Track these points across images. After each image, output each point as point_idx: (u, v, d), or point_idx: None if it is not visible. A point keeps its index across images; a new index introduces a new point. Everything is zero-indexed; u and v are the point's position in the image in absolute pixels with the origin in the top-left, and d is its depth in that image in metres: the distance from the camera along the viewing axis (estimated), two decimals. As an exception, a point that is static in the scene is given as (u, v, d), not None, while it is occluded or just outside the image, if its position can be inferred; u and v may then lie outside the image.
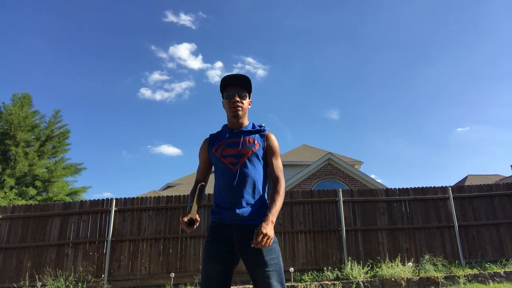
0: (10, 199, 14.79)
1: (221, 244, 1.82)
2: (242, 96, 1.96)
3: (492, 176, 23.06)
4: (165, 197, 7.77)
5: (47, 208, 7.66)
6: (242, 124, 1.99)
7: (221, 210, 1.87)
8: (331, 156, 14.04)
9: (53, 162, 17.79)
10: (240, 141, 1.92)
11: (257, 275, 1.74)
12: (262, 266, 1.73)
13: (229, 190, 1.85)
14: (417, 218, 7.81)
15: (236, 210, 1.81)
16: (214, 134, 2.07)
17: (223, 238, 1.83)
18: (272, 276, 1.72)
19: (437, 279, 6.52)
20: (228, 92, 1.95)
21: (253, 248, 1.71)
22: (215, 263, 1.79)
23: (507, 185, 8.21)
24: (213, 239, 1.86)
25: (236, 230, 1.82)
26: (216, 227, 1.88)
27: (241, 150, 1.89)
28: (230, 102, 1.94)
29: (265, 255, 1.74)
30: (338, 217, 7.69)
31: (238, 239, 1.81)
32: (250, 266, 1.78)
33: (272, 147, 1.97)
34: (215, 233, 1.87)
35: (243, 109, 1.97)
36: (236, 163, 1.87)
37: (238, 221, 1.81)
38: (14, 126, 16.78)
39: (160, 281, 7.13)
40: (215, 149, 1.96)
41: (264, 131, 2.00)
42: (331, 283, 6.52)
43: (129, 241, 7.39)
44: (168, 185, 20.90)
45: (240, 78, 1.95)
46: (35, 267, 7.20)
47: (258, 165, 1.91)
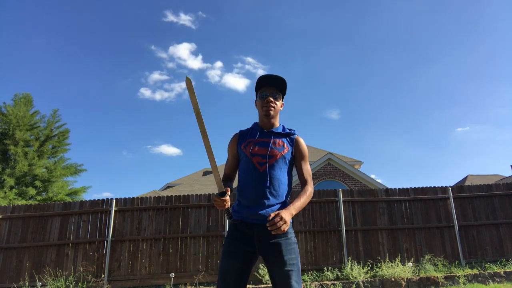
0: (10, 199, 14.79)
1: (241, 242, 1.83)
2: (276, 97, 1.98)
3: (492, 176, 23.07)
4: (165, 197, 7.77)
5: (47, 208, 7.65)
6: (273, 125, 2.01)
7: (242, 209, 1.87)
8: (331, 156, 14.05)
9: (52, 162, 17.78)
10: (270, 142, 1.94)
11: (276, 274, 1.76)
12: (281, 265, 1.75)
13: (253, 189, 1.86)
14: (417, 218, 7.81)
15: (258, 210, 1.82)
16: (244, 130, 2.08)
17: (244, 236, 1.84)
18: (291, 275, 1.74)
19: (437, 279, 6.52)
20: (262, 92, 1.97)
21: (273, 248, 1.76)
22: (234, 260, 1.80)
23: (507, 185, 8.22)
24: (233, 236, 1.87)
25: (257, 230, 1.82)
26: (237, 225, 1.88)
27: (270, 151, 1.90)
28: (264, 102, 1.96)
29: (284, 255, 1.77)
30: (338, 217, 7.69)
31: (258, 239, 1.82)
32: (270, 265, 1.79)
33: (302, 151, 2.00)
34: (236, 231, 1.87)
35: (275, 110, 1.98)
36: (264, 163, 1.88)
37: (259, 220, 1.81)
38: (13, 125, 16.78)
39: (160, 281, 7.13)
40: (244, 145, 1.97)
41: (294, 135, 2.02)
42: (331, 283, 6.52)
43: (129, 241, 7.39)
44: (168, 185, 20.88)
45: (276, 80, 1.96)
46: (35, 267, 7.20)
47: (284, 168, 1.93)
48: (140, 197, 7.74)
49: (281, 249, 1.77)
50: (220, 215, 7.61)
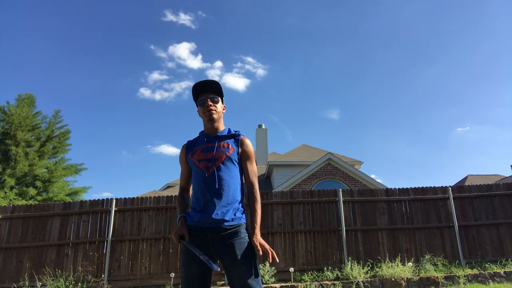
0: (10, 199, 14.80)
1: (196, 247, 1.84)
2: (214, 101, 2.01)
3: (492, 176, 23.05)
4: (165, 197, 7.78)
5: (47, 208, 7.66)
6: (218, 129, 2.04)
7: (196, 213, 1.90)
8: (331, 156, 14.05)
9: (53, 162, 17.79)
10: (215, 146, 1.97)
11: (232, 275, 1.78)
12: (236, 265, 1.77)
13: (203, 194, 1.89)
14: (417, 218, 7.81)
15: (209, 213, 1.84)
16: (192, 140, 2.12)
17: (199, 241, 1.86)
18: (246, 274, 1.76)
19: (437, 279, 6.52)
20: (201, 99, 2.01)
21: (226, 249, 1.79)
22: (192, 266, 1.81)
23: (507, 185, 8.21)
24: (189, 242, 1.89)
25: (210, 233, 1.85)
26: (192, 230, 1.90)
27: (215, 154, 1.93)
28: (204, 107, 1.99)
29: (238, 254, 1.79)
30: (338, 217, 7.69)
31: (212, 242, 1.85)
32: (226, 266, 1.82)
33: (247, 151, 2.02)
34: (191, 236, 1.88)
35: (218, 113, 2.02)
36: (211, 167, 1.91)
37: (211, 223, 1.84)
38: (15, 126, 16.80)
39: (160, 281, 7.13)
40: (191, 154, 2.01)
41: (239, 136, 2.05)
42: (331, 283, 6.52)
43: (129, 241, 7.39)
44: (168, 185, 20.89)
45: (210, 84, 2.01)
46: (35, 267, 7.20)
47: (233, 169, 1.95)
48: (140, 197, 7.74)
49: (235, 249, 1.79)
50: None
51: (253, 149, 2.06)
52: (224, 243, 1.81)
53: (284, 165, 15.95)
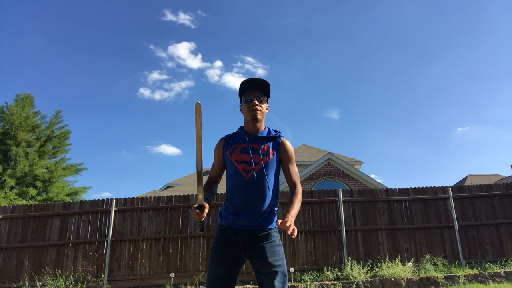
0: (11, 199, 14.80)
1: (227, 247, 1.87)
2: (261, 100, 1.97)
3: (492, 176, 23.06)
4: (165, 197, 7.78)
5: (47, 208, 7.66)
6: (259, 128, 1.99)
7: (229, 215, 1.91)
8: (331, 156, 14.05)
9: (53, 162, 17.80)
10: (255, 148, 1.93)
11: (262, 276, 1.80)
12: (266, 267, 1.79)
13: (239, 196, 1.88)
14: (417, 218, 7.81)
15: (244, 216, 1.86)
16: (230, 135, 2.07)
17: (230, 241, 1.88)
18: (276, 276, 1.77)
19: (437, 279, 6.52)
20: (247, 96, 1.96)
21: (258, 251, 1.81)
22: (221, 265, 1.85)
23: (507, 185, 8.21)
24: (220, 241, 1.91)
25: (242, 235, 1.86)
26: (223, 230, 1.92)
27: (255, 158, 1.91)
28: (249, 106, 1.95)
29: (269, 257, 1.80)
30: (338, 217, 7.69)
31: (243, 243, 1.86)
32: (256, 268, 1.83)
33: (288, 154, 1.99)
34: (221, 236, 1.91)
35: (262, 113, 1.97)
36: (249, 171, 1.89)
37: (245, 226, 1.86)
38: (15, 126, 16.80)
39: (160, 281, 7.13)
40: (229, 152, 1.98)
41: (280, 137, 2.01)
42: (331, 283, 6.52)
43: (129, 241, 7.40)
44: (168, 185, 20.90)
45: (260, 83, 1.95)
46: (35, 267, 7.21)
47: (271, 173, 1.93)
48: (140, 197, 7.74)
49: (265, 252, 1.81)
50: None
51: (293, 150, 2.05)
52: (256, 246, 1.82)
53: (284, 165, 15.92)
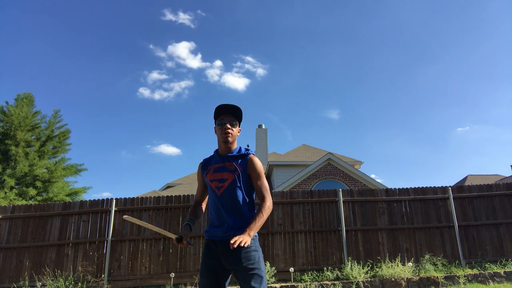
0: (10, 199, 14.80)
1: (211, 258, 2.07)
2: (233, 124, 2.18)
3: (492, 176, 23.06)
4: (165, 197, 7.78)
5: (47, 208, 7.66)
6: (230, 149, 2.20)
7: (211, 229, 2.14)
8: (331, 156, 14.05)
9: (53, 162, 17.78)
10: (225, 166, 2.14)
11: (240, 281, 1.95)
12: (243, 271, 1.94)
13: (216, 211, 2.12)
14: (417, 218, 7.81)
15: (220, 228, 2.07)
16: (207, 158, 2.32)
17: (212, 253, 2.08)
18: (252, 278, 1.91)
19: (437, 279, 6.52)
20: (221, 120, 2.17)
21: (234, 258, 1.97)
22: (208, 276, 2.05)
23: (507, 185, 8.21)
24: (205, 254, 2.12)
25: (220, 245, 2.05)
26: (207, 243, 2.15)
27: (224, 175, 2.12)
28: (222, 129, 2.16)
29: (243, 262, 1.95)
30: (338, 217, 7.69)
31: (222, 253, 2.04)
32: (235, 274, 2.00)
33: (255, 169, 2.15)
34: (206, 249, 2.13)
35: (233, 136, 2.18)
36: (221, 187, 2.11)
37: (222, 237, 2.05)
38: (15, 126, 16.79)
39: (160, 281, 7.13)
40: (205, 173, 2.22)
41: (248, 155, 2.19)
42: (331, 283, 6.52)
43: (129, 241, 7.40)
44: (168, 185, 20.89)
45: (233, 108, 2.17)
46: (35, 267, 7.20)
47: (241, 187, 2.11)
48: (140, 197, 7.74)
49: (240, 258, 1.96)
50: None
51: (261, 165, 2.21)
52: (232, 254, 1.99)
53: (284, 165, 15.95)
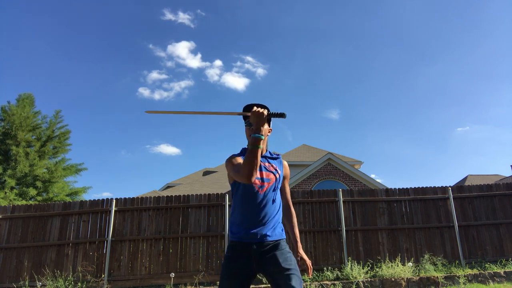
0: (11, 199, 14.80)
1: (238, 263, 1.93)
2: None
3: (492, 176, 23.06)
4: (165, 197, 7.78)
5: (47, 208, 7.66)
6: (263, 150, 2.10)
7: (240, 230, 1.98)
8: (331, 156, 14.05)
9: (53, 162, 17.79)
10: (265, 166, 2.06)
11: (278, 280, 1.85)
12: (281, 271, 1.86)
13: (252, 211, 1.97)
14: (417, 218, 7.80)
15: (255, 230, 1.95)
16: (236, 154, 2.15)
17: (241, 257, 1.94)
18: (292, 278, 1.83)
19: (437, 279, 6.51)
20: (249, 120, 2.06)
21: (270, 260, 1.90)
22: (232, 280, 1.90)
23: (507, 185, 8.21)
24: (231, 258, 1.97)
25: (254, 249, 1.94)
26: (234, 246, 1.99)
27: (266, 175, 2.03)
28: (251, 130, 2.03)
29: (281, 262, 1.89)
30: (338, 217, 7.69)
31: (255, 256, 1.93)
32: (271, 276, 1.89)
33: (287, 173, 2.20)
34: (233, 252, 1.97)
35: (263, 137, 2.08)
36: (262, 186, 1.99)
37: (257, 239, 1.94)
38: (16, 126, 16.80)
39: (160, 281, 7.13)
40: None
41: (280, 158, 2.18)
42: (331, 283, 6.52)
43: (129, 241, 7.40)
44: (168, 185, 20.89)
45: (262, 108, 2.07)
46: (35, 267, 7.20)
47: (277, 189, 2.08)
48: (140, 197, 7.74)
49: (278, 259, 1.90)
50: (220, 215, 7.60)
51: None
52: (267, 256, 1.91)
53: (284, 165, 15.91)
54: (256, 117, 1.79)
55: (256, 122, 1.79)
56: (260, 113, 1.78)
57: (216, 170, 22.34)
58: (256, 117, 1.79)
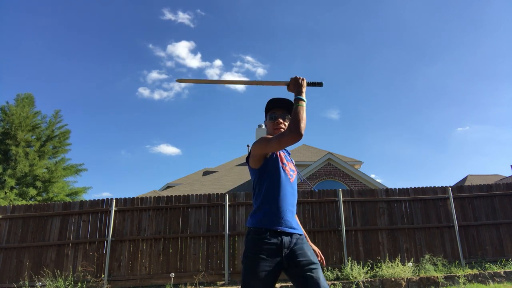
0: (11, 199, 14.80)
1: (269, 259, 1.79)
2: (285, 118, 2.10)
3: (492, 176, 23.06)
4: (165, 197, 7.78)
5: (47, 208, 7.66)
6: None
7: (281, 219, 1.87)
8: (331, 156, 14.04)
9: (53, 162, 17.79)
10: (289, 159, 2.10)
11: (307, 272, 1.78)
12: (310, 264, 1.81)
13: (286, 199, 1.92)
14: (417, 218, 7.80)
15: (288, 219, 1.89)
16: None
17: (270, 250, 1.80)
18: (320, 272, 1.82)
19: (437, 279, 6.51)
20: (272, 113, 2.09)
21: (300, 251, 1.84)
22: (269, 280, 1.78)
23: (507, 185, 8.21)
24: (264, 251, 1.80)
25: (286, 237, 1.85)
26: (265, 236, 1.83)
27: (291, 166, 2.06)
28: (274, 124, 2.07)
29: (310, 255, 1.86)
30: (338, 217, 7.69)
31: (288, 246, 1.84)
32: (300, 268, 1.80)
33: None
34: (264, 244, 1.81)
35: None
36: (293, 176, 2.02)
37: (289, 229, 1.87)
38: (15, 126, 16.80)
39: (160, 281, 7.13)
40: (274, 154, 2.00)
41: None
42: (331, 283, 6.52)
43: (129, 241, 7.39)
44: (168, 185, 20.88)
45: (285, 102, 2.09)
46: (35, 267, 7.20)
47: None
48: (140, 197, 7.74)
49: (307, 252, 1.87)
50: (220, 215, 7.60)
51: None
52: (296, 247, 1.85)
53: (284, 165, 15.91)
54: (296, 85, 1.89)
55: (297, 89, 1.88)
56: (300, 80, 1.89)
57: (216, 170, 22.34)
58: (296, 85, 1.89)
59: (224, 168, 22.44)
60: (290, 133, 1.74)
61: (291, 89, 1.92)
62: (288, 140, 1.77)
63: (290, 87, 1.92)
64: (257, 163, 1.96)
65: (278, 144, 1.81)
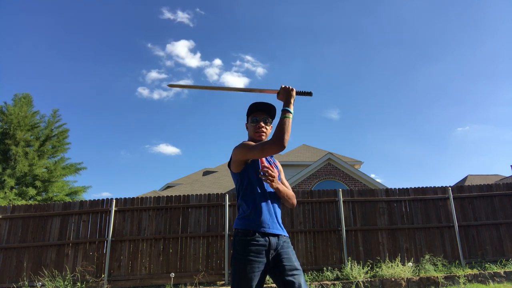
0: (10, 199, 14.79)
1: (261, 258, 1.84)
2: (266, 122, 2.10)
3: (492, 176, 23.08)
4: (165, 197, 7.77)
5: (47, 208, 7.66)
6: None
7: (265, 221, 1.91)
8: (331, 156, 14.04)
9: (53, 162, 17.77)
10: (270, 161, 2.11)
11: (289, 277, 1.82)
12: (293, 269, 1.85)
13: (267, 201, 1.97)
14: (417, 218, 7.80)
15: (276, 221, 1.96)
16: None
17: (262, 251, 1.85)
18: (302, 278, 1.86)
19: (437, 279, 6.52)
20: (254, 117, 2.09)
21: (287, 256, 1.89)
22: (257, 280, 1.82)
23: (507, 185, 8.21)
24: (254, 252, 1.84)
25: (276, 241, 1.91)
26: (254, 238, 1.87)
27: (275, 171, 2.01)
28: (255, 127, 2.08)
29: (294, 260, 1.90)
30: (338, 217, 7.69)
31: (274, 249, 1.88)
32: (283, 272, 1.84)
33: (281, 168, 2.22)
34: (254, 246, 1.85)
35: (266, 134, 2.11)
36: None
37: (279, 232, 1.94)
38: (14, 125, 16.78)
39: (160, 281, 7.13)
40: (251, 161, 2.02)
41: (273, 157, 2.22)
42: (331, 283, 6.52)
43: (129, 241, 7.39)
44: (168, 185, 20.89)
45: (267, 106, 2.09)
46: (35, 267, 7.20)
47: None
48: (140, 197, 7.73)
49: (291, 256, 1.91)
50: (220, 215, 7.60)
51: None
52: (282, 251, 1.89)
53: (284, 165, 15.94)
54: (285, 94, 1.91)
55: (285, 98, 1.90)
56: (289, 90, 1.90)
57: (216, 170, 22.34)
58: (285, 94, 1.91)
59: (224, 168, 22.44)
60: (273, 144, 1.80)
61: (281, 98, 1.94)
62: (270, 150, 1.82)
63: (280, 95, 1.95)
64: (238, 167, 2.00)
65: (261, 153, 1.87)
